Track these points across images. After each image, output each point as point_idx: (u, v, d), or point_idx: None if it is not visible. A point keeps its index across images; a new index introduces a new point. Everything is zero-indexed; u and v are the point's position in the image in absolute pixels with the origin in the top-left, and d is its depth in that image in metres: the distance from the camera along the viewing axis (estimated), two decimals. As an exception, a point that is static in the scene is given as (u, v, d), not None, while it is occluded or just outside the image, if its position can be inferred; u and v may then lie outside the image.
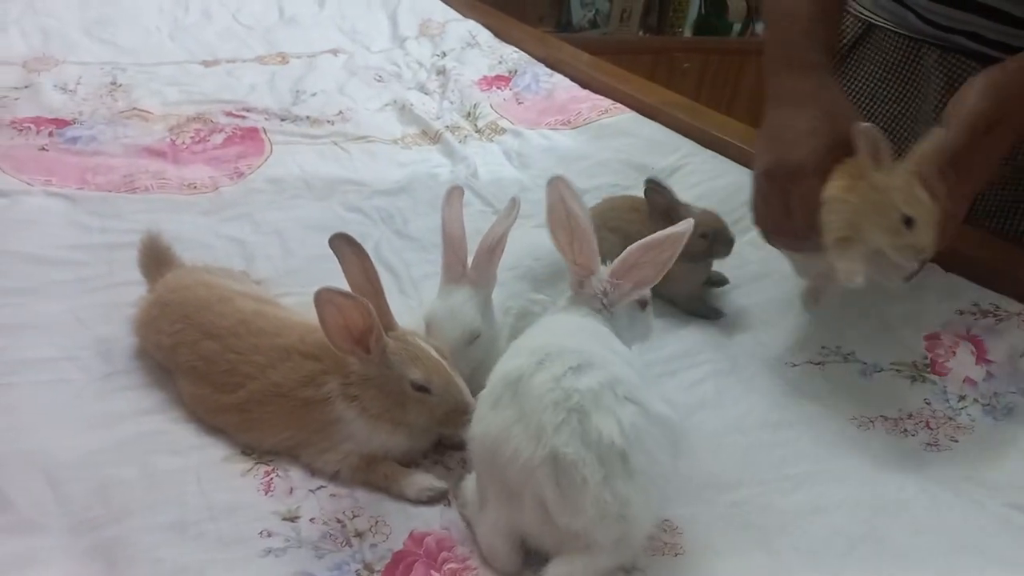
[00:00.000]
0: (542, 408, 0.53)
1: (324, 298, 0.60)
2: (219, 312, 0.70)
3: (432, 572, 0.58)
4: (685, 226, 0.64)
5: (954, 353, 0.76)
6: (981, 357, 0.75)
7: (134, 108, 1.17)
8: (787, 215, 0.71)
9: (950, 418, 0.71)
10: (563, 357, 0.55)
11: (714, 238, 0.83)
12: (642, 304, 0.67)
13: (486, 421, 0.56)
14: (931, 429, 0.70)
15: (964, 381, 0.74)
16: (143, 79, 1.26)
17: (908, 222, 0.65)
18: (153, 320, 0.72)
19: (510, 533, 0.56)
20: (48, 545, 0.57)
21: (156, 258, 0.78)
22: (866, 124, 0.66)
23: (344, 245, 0.65)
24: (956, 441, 0.69)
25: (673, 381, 0.77)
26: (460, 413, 0.63)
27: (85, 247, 0.89)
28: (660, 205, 0.85)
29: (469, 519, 0.60)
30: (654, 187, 0.86)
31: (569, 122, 1.23)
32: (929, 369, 0.76)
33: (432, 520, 0.61)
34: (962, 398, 0.73)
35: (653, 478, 0.54)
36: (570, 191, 0.65)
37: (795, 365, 0.79)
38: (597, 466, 0.52)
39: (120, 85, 1.23)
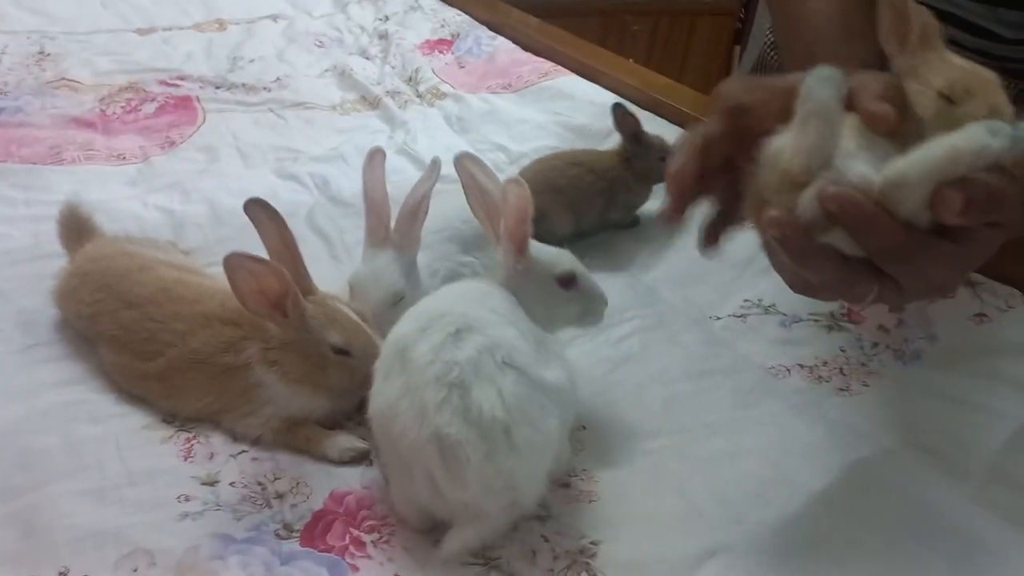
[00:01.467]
0: (424, 384, 0.53)
1: (234, 263, 0.60)
2: (139, 281, 0.69)
3: (351, 530, 0.59)
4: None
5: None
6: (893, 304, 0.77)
7: (63, 78, 1.15)
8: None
9: (862, 364, 0.73)
10: (442, 322, 0.55)
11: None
12: (562, 282, 0.63)
13: (380, 395, 0.56)
14: (844, 375, 0.72)
15: (878, 328, 0.76)
16: (74, 48, 1.23)
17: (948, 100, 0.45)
18: (73, 290, 0.72)
19: (414, 501, 0.57)
20: (-35, 516, 0.57)
21: (76, 229, 0.77)
22: None
23: (259, 210, 0.65)
24: (867, 386, 0.71)
25: (601, 337, 0.78)
26: None
27: (9, 219, 0.87)
28: (629, 127, 0.90)
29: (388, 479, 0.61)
30: (623, 111, 0.91)
31: (510, 85, 1.22)
32: (845, 318, 0.78)
33: (353, 480, 0.62)
34: (875, 345, 0.75)
35: (537, 447, 0.54)
36: (479, 167, 0.65)
37: (719, 319, 0.80)
38: (479, 443, 0.52)
39: (48, 55, 1.20)
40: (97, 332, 0.70)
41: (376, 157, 0.72)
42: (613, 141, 1.07)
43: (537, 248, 0.63)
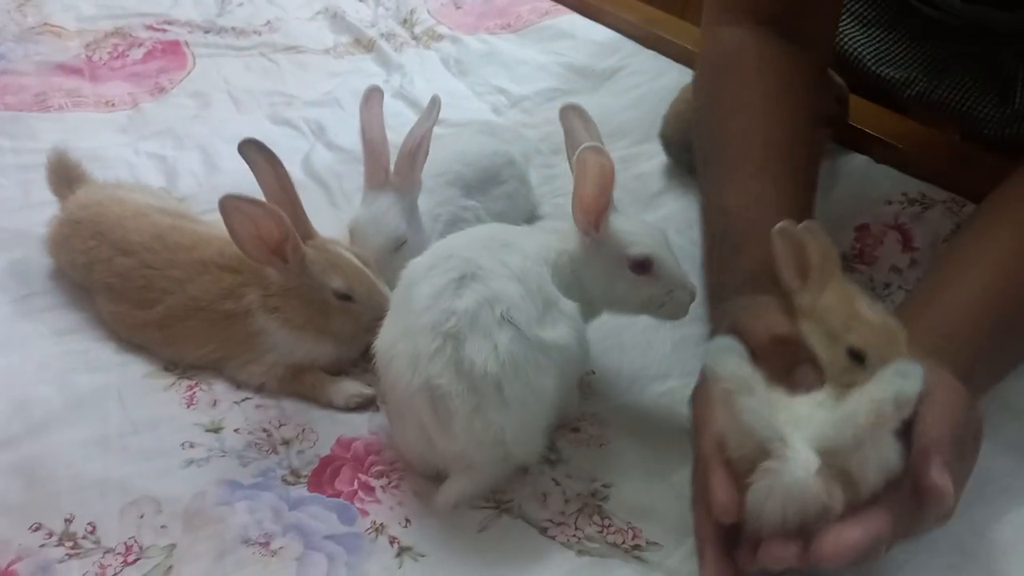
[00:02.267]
0: (419, 330, 0.52)
1: (230, 206, 0.58)
2: (133, 227, 0.67)
3: (359, 475, 0.58)
4: None
5: (881, 242, 0.76)
6: (907, 245, 0.76)
7: (45, 24, 1.10)
8: None
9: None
10: (449, 264, 0.54)
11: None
12: (635, 266, 0.57)
13: (385, 331, 0.55)
14: (856, 317, 0.71)
15: (890, 269, 0.75)
16: (55, -7, 1.18)
17: (856, 356, 0.46)
18: (66, 239, 0.70)
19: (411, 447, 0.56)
20: (-34, 465, 0.57)
21: (66, 176, 0.74)
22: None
23: (254, 152, 0.62)
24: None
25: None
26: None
27: (-3, 168, 0.85)
28: None
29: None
30: None
31: (509, 25, 1.18)
32: (858, 259, 0.76)
33: (360, 426, 0.62)
34: (887, 285, 0.73)
35: (530, 405, 0.53)
36: (583, 119, 0.61)
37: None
38: (469, 396, 0.51)
39: (29, 0, 1.16)
40: (93, 280, 0.68)
41: (373, 97, 0.70)
42: (615, 81, 1.04)
43: (621, 222, 0.58)
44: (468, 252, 0.55)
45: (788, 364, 0.48)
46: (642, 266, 0.57)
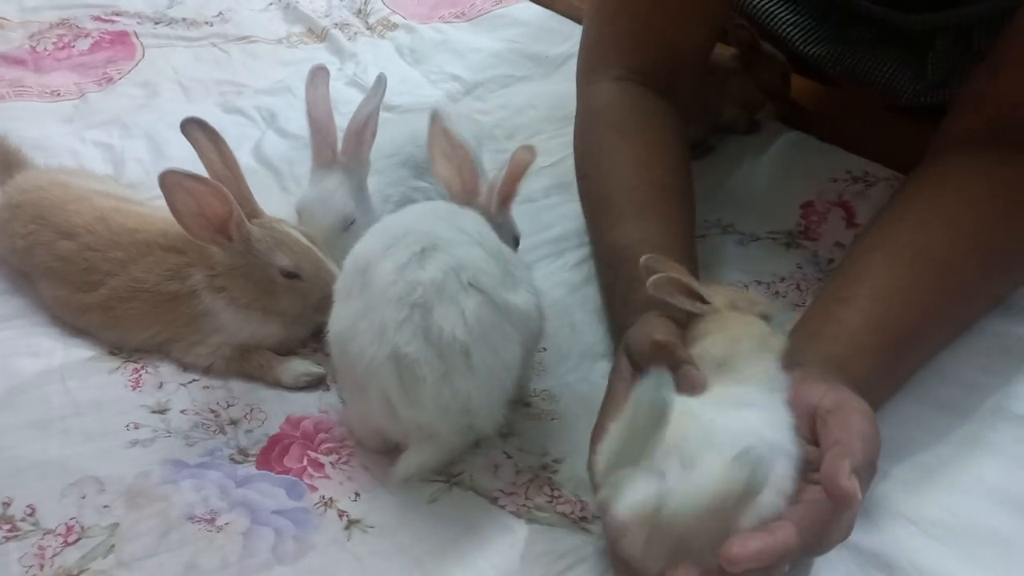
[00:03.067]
0: (385, 303, 0.51)
1: (171, 181, 0.57)
2: (75, 211, 0.66)
3: (309, 452, 0.58)
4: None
5: (826, 219, 0.78)
6: (851, 221, 0.77)
7: (-12, 14, 1.08)
8: None
9: (818, 279, 0.73)
10: (408, 240, 0.53)
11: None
12: (516, 243, 0.63)
13: (340, 317, 0.54)
14: (800, 291, 0.72)
15: (834, 244, 0.76)
16: (-2, -16, 1.16)
17: None
18: (5, 224, 0.68)
19: (370, 422, 0.56)
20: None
21: (4, 160, 0.73)
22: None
23: (196, 130, 0.62)
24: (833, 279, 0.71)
25: (560, 260, 0.77)
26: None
27: (-65, 158, 0.83)
28: (745, 40, 0.85)
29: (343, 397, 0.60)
30: (738, 23, 0.85)
31: (463, 14, 1.18)
32: (803, 236, 0.78)
33: (310, 405, 0.61)
34: (831, 260, 0.75)
35: (496, 372, 0.53)
36: (448, 130, 0.63)
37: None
38: (437, 363, 0.51)
39: (-30, -10, 1.13)
40: (33, 265, 0.66)
41: (318, 75, 0.69)
42: (568, 67, 1.05)
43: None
44: (423, 225, 0.55)
45: (672, 366, 0.49)
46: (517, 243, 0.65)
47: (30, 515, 0.52)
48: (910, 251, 0.59)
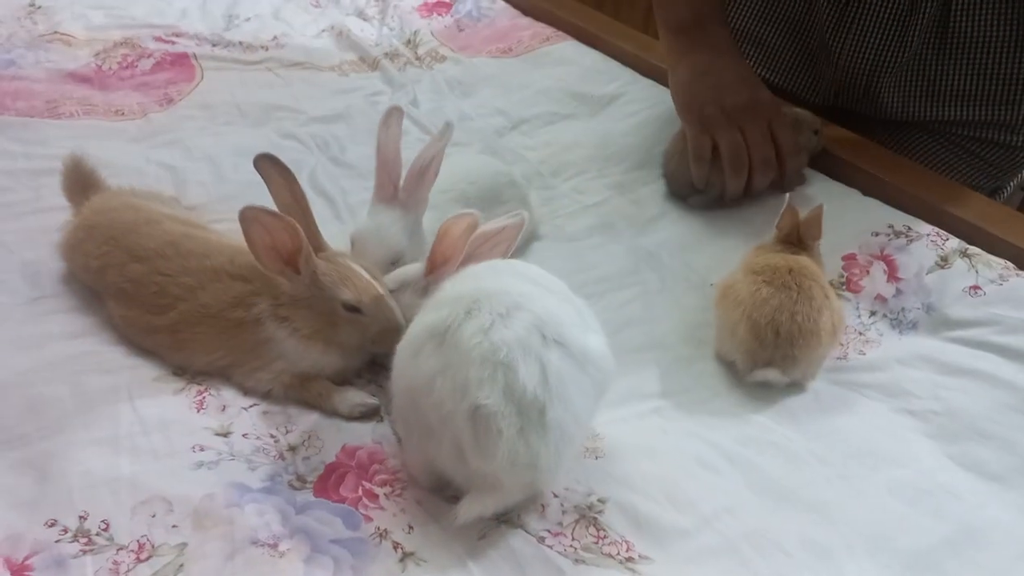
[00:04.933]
0: (469, 362, 0.52)
1: (249, 216, 0.60)
2: (146, 234, 0.69)
3: (363, 482, 0.60)
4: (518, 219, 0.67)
5: (868, 272, 0.80)
6: (892, 275, 0.79)
7: (56, 32, 1.12)
8: (766, 142, 0.84)
9: (860, 333, 0.75)
10: (491, 302, 0.54)
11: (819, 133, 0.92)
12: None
13: (407, 374, 0.56)
14: (842, 345, 0.74)
15: (875, 298, 0.78)
16: (65, 2, 1.20)
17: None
18: (80, 243, 0.71)
19: (430, 463, 0.58)
20: (-22, 460, 0.58)
21: (81, 181, 0.76)
22: None
23: (269, 166, 0.65)
24: (863, 354, 0.73)
25: (602, 302, 0.79)
26: (392, 332, 0.65)
27: (9, 173, 0.86)
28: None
29: (400, 436, 0.62)
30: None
31: (511, 50, 1.22)
32: (844, 287, 0.79)
33: (364, 435, 0.64)
34: (872, 314, 0.77)
35: (568, 434, 0.55)
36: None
37: (712, 285, 0.81)
38: (515, 418, 0.52)
39: (39, 7, 1.17)
40: (105, 285, 0.69)
41: (393, 115, 0.72)
42: (614, 107, 1.08)
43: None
44: (501, 286, 0.56)
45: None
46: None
47: (104, 530, 0.54)
48: None
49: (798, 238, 0.74)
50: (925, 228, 0.82)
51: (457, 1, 1.33)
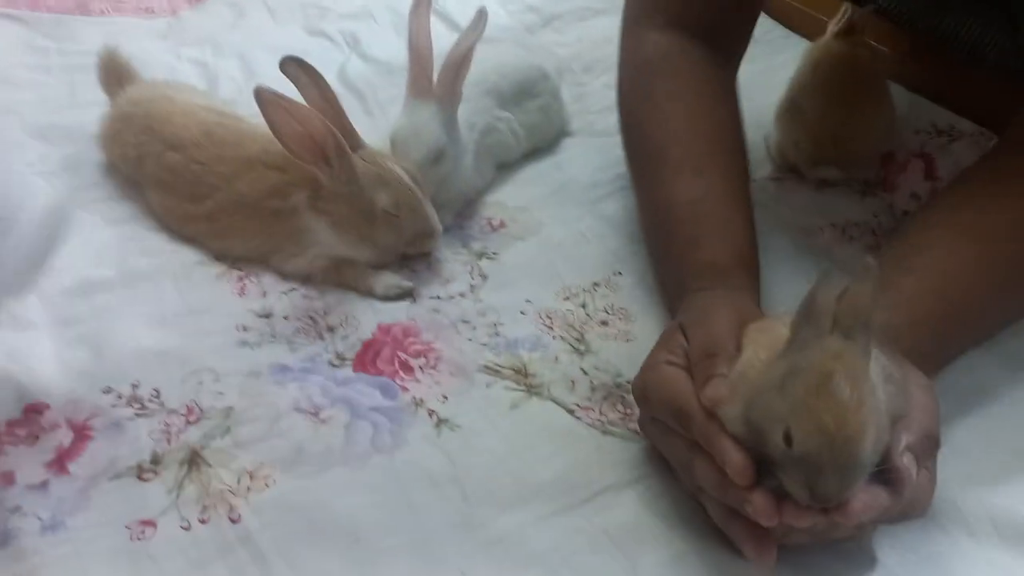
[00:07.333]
0: None
1: (266, 98, 0.60)
2: (181, 124, 0.70)
3: (399, 354, 0.62)
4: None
5: (905, 170, 0.78)
6: (929, 173, 0.77)
7: (83, -71, 1.11)
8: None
9: (893, 229, 0.74)
10: None
11: None
12: None
13: None
14: (875, 235, 0.73)
15: (910, 196, 0.76)
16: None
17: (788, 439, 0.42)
18: (117, 134, 0.73)
19: None
20: (39, 337, 0.61)
21: (117, 73, 0.77)
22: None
23: (296, 68, 0.63)
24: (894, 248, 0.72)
25: (632, 198, 0.79)
26: (427, 236, 0.66)
27: (44, 68, 0.88)
28: None
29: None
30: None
31: (541, -55, 1.17)
32: (880, 186, 0.78)
33: (399, 314, 0.65)
34: (906, 213, 0.76)
35: None
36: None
37: (754, 180, 0.80)
38: None
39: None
40: (144, 174, 0.71)
41: (422, 4, 0.70)
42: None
43: None
44: None
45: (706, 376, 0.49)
46: None
47: (156, 397, 0.57)
48: (975, 231, 0.58)
49: None
50: (969, 127, 0.79)
51: None
